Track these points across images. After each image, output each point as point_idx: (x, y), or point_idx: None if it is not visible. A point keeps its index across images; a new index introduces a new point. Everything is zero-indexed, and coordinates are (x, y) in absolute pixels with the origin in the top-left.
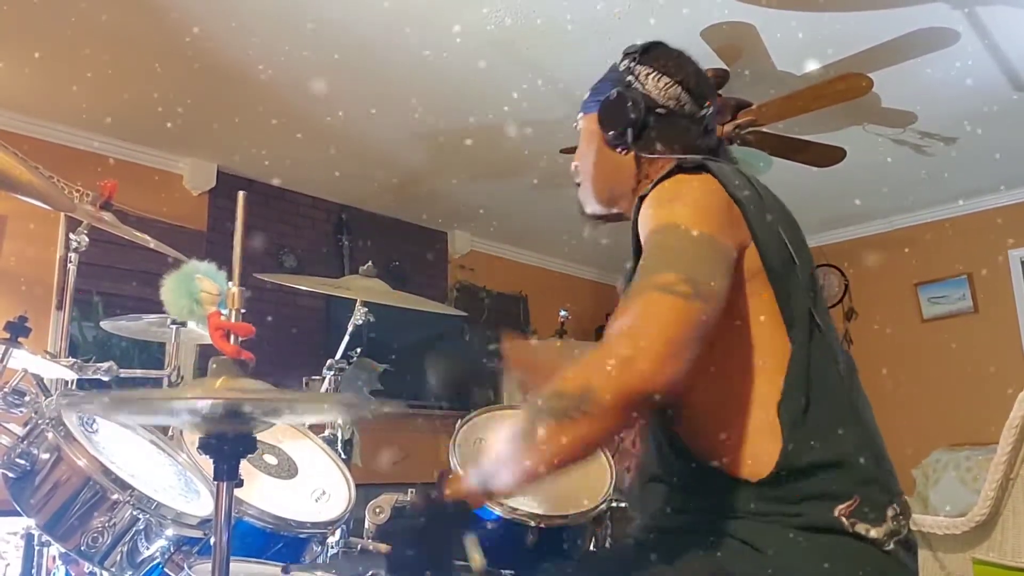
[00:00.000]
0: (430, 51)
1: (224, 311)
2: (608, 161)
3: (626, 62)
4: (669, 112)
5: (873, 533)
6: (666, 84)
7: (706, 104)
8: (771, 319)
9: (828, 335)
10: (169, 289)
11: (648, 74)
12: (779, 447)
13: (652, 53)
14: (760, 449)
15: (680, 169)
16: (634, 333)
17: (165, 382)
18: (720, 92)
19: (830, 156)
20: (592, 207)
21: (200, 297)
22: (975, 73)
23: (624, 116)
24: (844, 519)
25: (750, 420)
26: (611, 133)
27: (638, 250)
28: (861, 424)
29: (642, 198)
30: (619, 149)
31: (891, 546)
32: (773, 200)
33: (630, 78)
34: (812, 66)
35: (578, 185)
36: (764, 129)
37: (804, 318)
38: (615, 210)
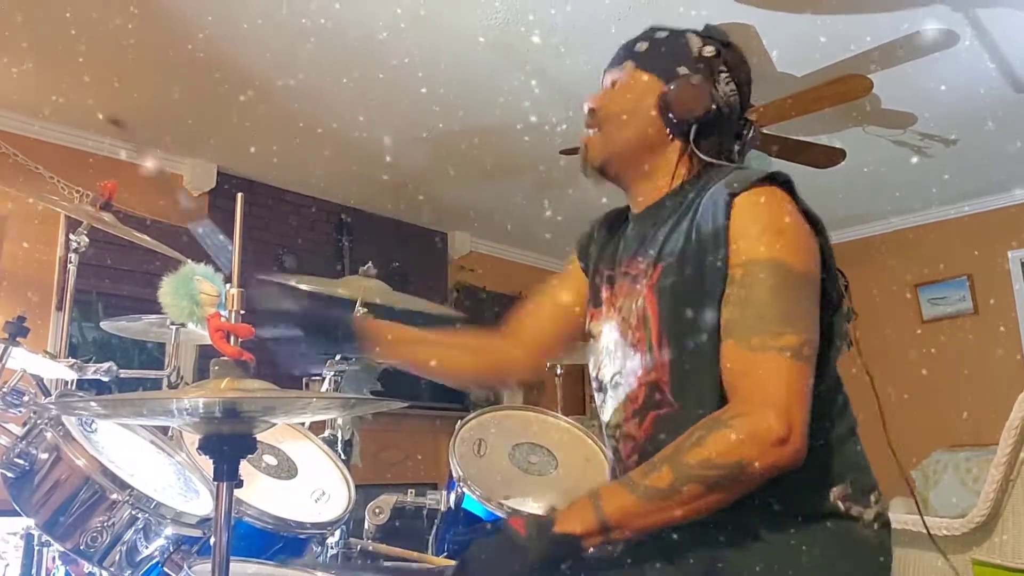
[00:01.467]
0: (431, 52)
1: (224, 312)
2: (648, 132)
3: (709, 48)
4: (723, 116)
5: (866, 515)
6: (732, 91)
7: (749, 113)
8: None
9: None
10: (167, 291)
11: (722, 73)
12: None
13: (730, 54)
14: None
15: (773, 180)
16: (783, 409)
17: (165, 382)
18: None
19: (830, 157)
20: (602, 160)
21: (200, 299)
22: (975, 75)
23: (697, 108)
24: (840, 503)
25: None
26: (673, 118)
27: (701, 248)
28: (847, 413)
29: (732, 195)
30: (668, 132)
31: (878, 527)
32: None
33: (709, 70)
34: (812, 67)
35: (592, 128)
36: (764, 130)
37: (840, 344)
38: (618, 174)
